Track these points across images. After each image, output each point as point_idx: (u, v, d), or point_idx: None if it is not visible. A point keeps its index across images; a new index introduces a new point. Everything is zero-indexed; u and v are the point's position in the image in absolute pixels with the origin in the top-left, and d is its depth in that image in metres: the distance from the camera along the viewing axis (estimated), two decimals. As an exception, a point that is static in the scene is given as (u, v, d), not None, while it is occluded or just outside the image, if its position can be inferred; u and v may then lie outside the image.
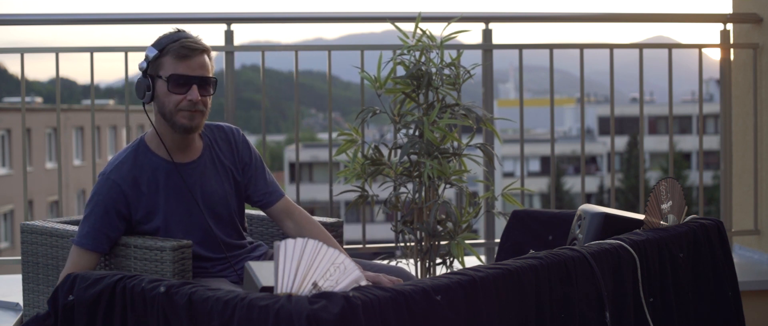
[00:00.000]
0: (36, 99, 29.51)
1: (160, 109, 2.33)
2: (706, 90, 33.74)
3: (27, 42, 77.72)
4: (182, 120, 2.30)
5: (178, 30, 2.34)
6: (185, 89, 2.29)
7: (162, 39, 2.31)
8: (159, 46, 2.30)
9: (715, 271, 2.47)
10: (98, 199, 2.30)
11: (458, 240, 2.86)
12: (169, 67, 2.29)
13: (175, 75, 2.28)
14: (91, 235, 2.27)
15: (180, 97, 2.29)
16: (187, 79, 2.28)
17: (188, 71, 2.29)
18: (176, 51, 2.28)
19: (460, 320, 1.75)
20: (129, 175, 2.33)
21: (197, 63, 2.29)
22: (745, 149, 4.00)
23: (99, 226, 2.28)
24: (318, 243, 1.66)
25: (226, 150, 2.47)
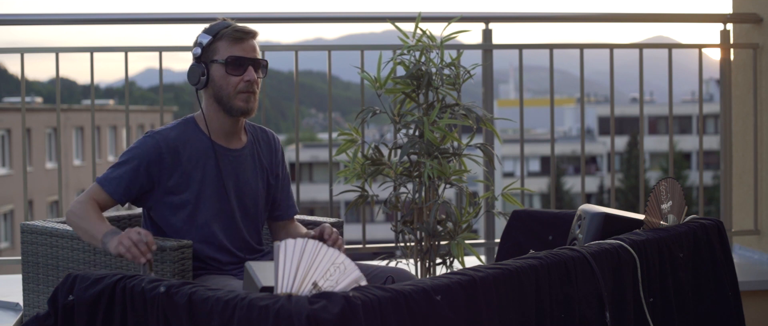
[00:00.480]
0: (36, 99, 29.51)
1: (217, 92, 2.40)
2: (706, 90, 33.74)
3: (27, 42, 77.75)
4: (239, 103, 2.39)
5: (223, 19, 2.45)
6: (242, 70, 2.38)
7: (213, 26, 2.40)
8: (212, 31, 2.39)
9: (715, 271, 2.47)
10: (136, 152, 2.36)
11: (458, 240, 2.86)
12: (224, 51, 2.38)
13: (232, 56, 2.37)
14: (115, 181, 2.34)
15: (238, 78, 2.38)
16: (243, 61, 2.38)
17: (243, 53, 2.39)
18: (231, 34, 2.37)
19: (460, 320, 1.75)
20: (173, 143, 2.39)
21: (250, 46, 2.40)
22: (745, 149, 4.00)
23: (125, 176, 2.34)
24: (318, 244, 1.66)
25: (266, 151, 2.57)
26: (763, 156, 3.88)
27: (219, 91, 2.39)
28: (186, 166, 2.38)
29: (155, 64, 3.62)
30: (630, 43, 4.09)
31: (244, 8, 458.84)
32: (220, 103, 2.40)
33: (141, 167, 2.35)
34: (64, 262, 2.42)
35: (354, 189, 3.06)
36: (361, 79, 3.23)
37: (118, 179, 2.34)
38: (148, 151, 2.36)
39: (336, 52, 3.65)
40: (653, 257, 2.27)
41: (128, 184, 2.35)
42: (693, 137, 38.12)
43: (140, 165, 2.35)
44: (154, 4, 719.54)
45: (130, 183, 2.35)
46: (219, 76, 2.38)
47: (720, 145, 4.00)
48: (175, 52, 3.63)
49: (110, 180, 2.35)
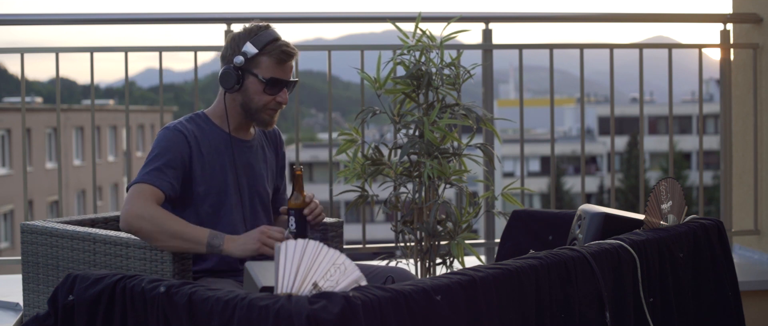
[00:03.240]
0: (36, 99, 29.50)
1: (246, 102, 2.42)
2: (706, 90, 33.74)
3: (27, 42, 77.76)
4: (267, 117, 2.44)
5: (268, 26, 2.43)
6: (278, 90, 2.41)
7: (261, 37, 2.39)
8: (259, 44, 2.38)
9: (715, 271, 2.47)
10: (166, 144, 2.36)
11: (458, 240, 2.86)
12: (266, 69, 2.39)
13: (273, 78, 2.39)
14: (154, 174, 2.30)
15: (271, 97, 2.41)
16: (282, 83, 2.41)
17: (283, 75, 2.42)
18: (277, 56, 2.39)
19: (460, 320, 1.75)
20: (193, 133, 2.40)
21: (290, 67, 2.44)
22: (745, 149, 4.00)
23: (163, 168, 2.32)
24: (319, 244, 1.66)
25: (271, 145, 2.63)
26: (763, 156, 3.88)
27: (249, 102, 2.42)
28: (207, 157, 2.41)
29: (155, 64, 3.62)
30: (630, 43, 4.09)
31: (244, 8, 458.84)
32: (245, 110, 2.44)
33: (176, 158, 2.35)
34: (64, 262, 2.42)
35: (354, 189, 3.06)
36: (361, 79, 3.23)
37: (160, 172, 2.31)
38: (177, 142, 2.36)
39: (336, 52, 3.65)
40: (653, 257, 2.27)
41: (170, 176, 2.33)
42: (693, 137, 38.12)
43: (175, 156, 2.35)
44: (154, 4, 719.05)
45: (171, 175, 2.33)
46: (254, 90, 2.40)
47: (720, 145, 4.00)
48: (175, 52, 3.64)
49: (152, 175, 2.30)
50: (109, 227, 2.71)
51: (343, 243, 2.81)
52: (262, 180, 2.54)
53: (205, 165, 2.41)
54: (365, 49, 3.52)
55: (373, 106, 3.03)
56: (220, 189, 2.43)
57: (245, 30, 2.43)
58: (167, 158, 2.34)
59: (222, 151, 2.44)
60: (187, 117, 2.47)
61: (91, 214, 2.78)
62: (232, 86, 2.40)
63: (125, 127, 3.61)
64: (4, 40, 61.84)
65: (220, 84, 2.42)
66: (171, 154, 2.35)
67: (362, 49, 3.52)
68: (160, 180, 2.30)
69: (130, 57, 3.53)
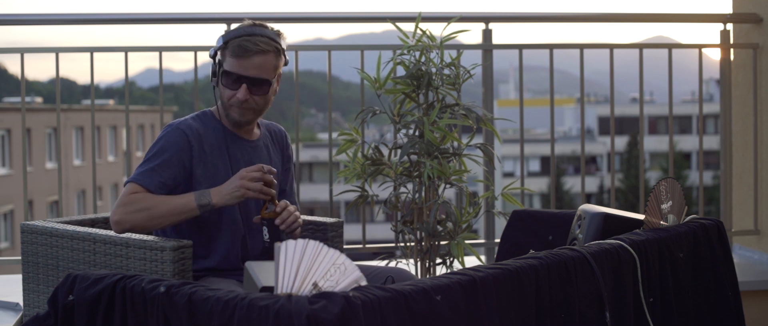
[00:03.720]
0: (36, 99, 29.50)
1: (221, 95, 2.42)
2: (706, 90, 33.74)
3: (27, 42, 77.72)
4: (233, 113, 2.41)
5: (253, 24, 2.39)
6: (236, 86, 2.36)
7: (232, 31, 2.37)
8: (226, 37, 2.37)
9: (715, 271, 2.47)
10: (164, 144, 2.35)
11: (458, 240, 2.86)
12: (226, 62, 2.37)
13: (226, 71, 2.36)
14: (149, 175, 2.31)
15: (231, 92, 2.37)
16: (238, 78, 2.36)
17: (240, 70, 2.35)
18: (233, 49, 2.35)
19: (460, 320, 1.75)
20: (196, 131, 2.39)
21: (252, 63, 2.35)
22: (745, 149, 4.00)
23: (158, 169, 2.32)
24: (319, 244, 1.66)
25: (278, 146, 2.61)
26: (763, 156, 3.88)
27: (220, 96, 2.41)
28: (210, 156, 2.40)
29: (155, 64, 3.62)
30: (630, 43, 4.09)
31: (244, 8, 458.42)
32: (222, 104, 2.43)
33: (174, 157, 2.34)
34: (64, 262, 2.42)
35: (354, 189, 3.06)
36: (361, 79, 3.23)
37: (152, 172, 2.32)
38: (177, 141, 2.35)
39: (336, 52, 3.65)
40: (653, 257, 2.27)
41: (164, 177, 2.33)
42: (693, 137, 38.12)
43: (173, 156, 2.34)
44: (154, 4, 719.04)
45: (165, 174, 2.33)
46: (221, 84, 2.40)
47: (720, 145, 4.00)
48: (175, 52, 3.64)
49: (144, 175, 2.31)
50: (109, 227, 2.71)
51: (343, 243, 2.80)
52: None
53: (208, 164, 2.40)
54: (365, 49, 3.52)
55: (373, 106, 3.03)
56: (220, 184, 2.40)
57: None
58: (163, 158, 2.33)
59: (223, 148, 2.43)
60: (194, 115, 2.47)
61: (91, 214, 2.78)
62: (211, 78, 2.41)
63: (125, 127, 3.61)
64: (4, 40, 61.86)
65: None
66: (168, 154, 2.34)
67: (362, 49, 3.52)
68: (151, 180, 2.31)
69: (130, 57, 3.53)
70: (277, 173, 2.56)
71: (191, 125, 2.40)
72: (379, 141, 3.09)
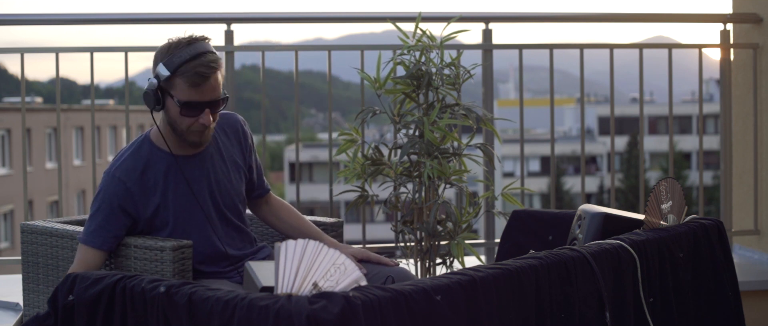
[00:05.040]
0: (36, 99, 29.50)
1: (171, 124, 2.32)
2: (706, 90, 33.74)
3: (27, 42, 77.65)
4: (194, 138, 2.32)
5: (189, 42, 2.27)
6: (197, 113, 2.27)
7: (174, 57, 2.24)
8: (171, 66, 2.23)
9: (715, 271, 2.47)
10: (104, 197, 2.31)
11: (458, 240, 2.86)
12: (181, 92, 2.25)
13: (188, 102, 2.25)
14: (98, 233, 2.28)
15: (192, 120, 2.28)
16: (199, 105, 2.27)
17: (200, 97, 2.25)
18: (190, 78, 2.23)
19: (460, 320, 1.75)
20: (133, 172, 2.33)
21: (209, 87, 2.26)
22: (745, 149, 4.00)
23: (105, 225, 2.29)
24: (319, 244, 1.66)
25: (232, 138, 2.50)
26: (763, 156, 3.88)
27: (173, 123, 2.31)
28: (154, 189, 2.34)
29: (155, 64, 3.62)
30: (630, 43, 4.09)
31: (244, 8, 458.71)
32: (174, 130, 2.33)
33: (115, 209, 2.30)
34: (64, 262, 2.42)
35: (354, 189, 3.06)
36: (361, 79, 3.23)
37: (99, 230, 2.29)
38: (115, 192, 2.30)
39: (336, 52, 3.65)
40: (653, 257, 2.27)
41: (111, 230, 2.29)
42: (693, 137, 38.11)
43: (114, 208, 2.30)
44: (154, 4, 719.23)
45: (113, 228, 2.29)
46: (173, 113, 2.29)
47: (720, 145, 4.00)
48: (175, 52, 3.63)
49: (92, 234, 2.29)
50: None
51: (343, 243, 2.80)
52: (223, 187, 2.43)
53: (156, 197, 2.34)
54: (365, 49, 3.52)
55: (373, 106, 3.03)
56: (179, 212, 2.36)
57: (164, 47, 2.28)
58: (106, 212, 2.29)
59: (170, 175, 2.36)
60: (133, 146, 2.38)
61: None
62: (154, 107, 2.30)
63: (125, 127, 3.61)
64: (4, 40, 61.84)
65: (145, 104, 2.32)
66: (109, 207, 2.29)
67: (362, 49, 3.52)
68: (102, 240, 2.28)
69: (130, 57, 3.53)
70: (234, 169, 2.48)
71: (127, 168, 2.33)
72: (379, 141, 3.09)
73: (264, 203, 2.65)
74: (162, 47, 2.28)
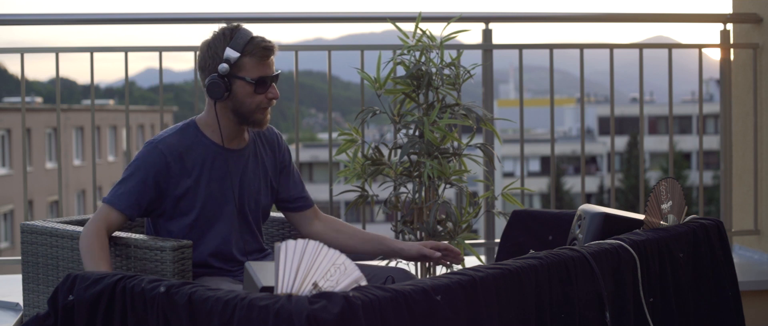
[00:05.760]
0: (36, 99, 29.50)
1: (238, 106, 2.38)
2: (706, 90, 33.74)
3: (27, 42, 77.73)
4: (259, 116, 2.40)
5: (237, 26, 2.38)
6: (267, 87, 2.38)
7: (237, 39, 2.34)
8: (238, 46, 2.33)
9: (715, 271, 2.47)
10: (140, 164, 2.34)
11: (458, 240, 2.86)
12: (252, 69, 2.35)
13: (261, 78, 2.35)
14: (126, 197, 2.32)
15: (262, 96, 2.37)
16: (270, 79, 2.38)
17: (269, 71, 2.38)
18: (260, 53, 2.34)
19: (460, 320, 1.75)
20: (176, 149, 2.37)
21: (272, 61, 2.40)
22: (745, 149, 4.00)
23: (134, 190, 2.32)
24: (319, 244, 1.66)
25: (268, 149, 2.56)
26: (763, 156, 3.88)
27: (240, 106, 2.37)
28: (192, 172, 2.37)
29: (155, 64, 3.63)
30: (630, 43, 4.09)
31: (243, 8, 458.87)
32: (238, 114, 2.39)
33: (148, 179, 2.33)
34: (64, 262, 2.42)
35: (354, 189, 3.06)
36: (361, 79, 3.23)
37: (128, 194, 2.32)
38: (154, 162, 2.33)
39: (336, 52, 3.65)
40: (653, 257, 2.27)
41: (138, 198, 2.32)
42: (693, 137, 38.11)
43: (148, 177, 2.33)
44: (154, 4, 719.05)
45: (139, 196, 2.33)
46: (244, 94, 2.36)
47: (720, 145, 4.00)
48: (175, 52, 3.64)
49: (119, 196, 2.32)
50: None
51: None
52: (252, 190, 2.47)
53: (190, 180, 2.37)
54: (365, 49, 3.52)
55: (373, 106, 3.03)
56: (207, 202, 2.39)
57: (218, 35, 2.36)
58: (139, 178, 2.33)
59: (212, 163, 2.40)
60: (177, 127, 2.42)
61: (91, 214, 2.77)
62: (222, 95, 2.35)
63: (125, 127, 3.61)
64: (4, 40, 61.82)
65: (208, 95, 2.36)
66: (143, 174, 2.33)
67: (362, 49, 3.52)
68: (123, 202, 2.32)
69: (130, 57, 3.53)
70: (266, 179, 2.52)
71: (171, 143, 2.36)
72: (379, 141, 3.09)
73: (315, 219, 2.63)
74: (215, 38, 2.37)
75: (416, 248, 2.46)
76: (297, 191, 2.61)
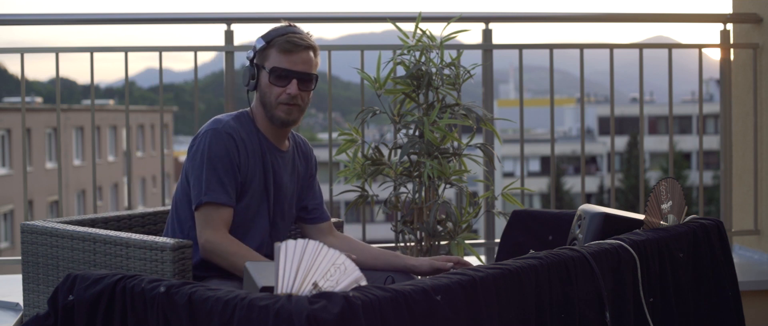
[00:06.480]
0: (36, 99, 29.51)
1: (262, 98, 2.39)
2: (706, 90, 33.74)
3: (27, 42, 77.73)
4: (280, 113, 2.37)
5: (289, 24, 2.40)
6: (286, 82, 2.36)
7: (271, 31, 2.37)
8: (267, 37, 2.36)
9: (715, 271, 2.47)
10: (215, 151, 2.32)
11: (458, 240, 2.86)
12: (273, 60, 2.36)
13: (277, 68, 2.35)
14: (222, 189, 2.30)
15: (280, 90, 2.36)
16: (288, 73, 2.35)
17: (290, 65, 2.35)
18: (281, 45, 2.34)
19: (460, 320, 1.75)
20: (239, 135, 2.37)
21: (300, 58, 2.36)
22: (745, 149, 4.00)
23: (225, 179, 2.31)
24: (319, 244, 1.66)
25: (302, 159, 2.57)
26: (763, 156, 3.88)
27: (263, 97, 2.38)
28: (246, 162, 2.38)
29: (155, 64, 3.63)
30: (630, 43, 4.09)
31: (243, 8, 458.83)
32: (264, 107, 2.40)
33: (233, 163, 2.33)
34: (64, 262, 2.42)
35: (354, 189, 3.06)
36: (361, 79, 3.23)
37: (223, 185, 2.30)
38: (227, 146, 2.33)
39: (336, 52, 3.65)
40: (653, 257, 2.27)
41: (234, 185, 2.32)
42: (693, 137, 38.12)
43: (232, 160, 2.32)
44: (154, 4, 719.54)
45: (234, 183, 2.32)
46: (264, 84, 2.37)
47: (720, 145, 4.00)
48: (175, 52, 3.64)
49: (215, 191, 2.30)
50: (109, 227, 2.71)
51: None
52: (288, 193, 2.49)
53: (246, 170, 2.37)
54: (365, 49, 3.52)
55: (373, 106, 3.03)
56: (253, 194, 2.39)
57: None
58: (225, 163, 2.31)
59: (259, 156, 2.41)
60: (234, 115, 2.41)
61: (91, 214, 2.78)
62: (248, 82, 2.39)
63: (125, 127, 3.61)
64: (4, 40, 61.83)
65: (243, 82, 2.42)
66: (228, 159, 2.32)
67: (362, 49, 3.52)
68: (227, 194, 2.30)
69: (130, 57, 3.53)
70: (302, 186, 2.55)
71: (235, 127, 2.36)
72: (379, 141, 3.09)
73: (329, 234, 2.63)
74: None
75: (428, 262, 2.44)
76: (314, 202, 2.61)
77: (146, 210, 2.85)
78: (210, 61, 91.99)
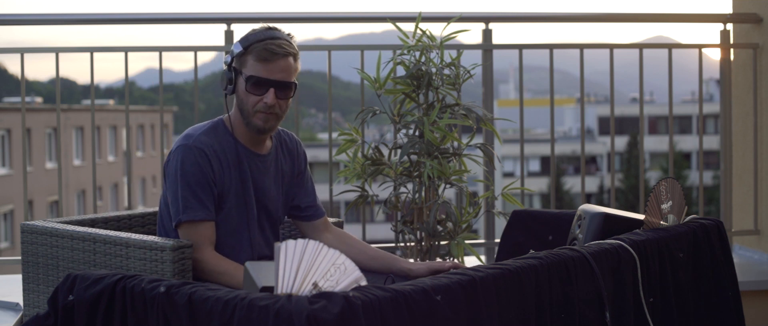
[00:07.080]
0: (36, 99, 29.51)
1: (239, 104, 2.36)
2: (706, 90, 33.74)
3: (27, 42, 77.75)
4: (257, 121, 2.34)
5: (269, 27, 2.34)
6: (262, 91, 2.31)
7: (250, 35, 2.32)
8: (245, 42, 2.31)
9: (715, 271, 2.47)
10: (188, 169, 2.30)
11: (458, 240, 2.86)
12: (250, 68, 2.30)
13: (254, 77, 2.30)
14: (200, 204, 2.29)
15: (257, 98, 2.31)
16: (265, 82, 2.30)
17: (267, 74, 2.30)
18: (259, 53, 2.29)
19: (460, 320, 1.75)
20: (211, 148, 2.34)
21: (278, 67, 2.30)
22: (745, 149, 4.00)
23: (200, 194, 2.29)
24: (319, 244, 1.66)
25: (288, 157, 2.53)
26: (763, 156, 3.88)
27: (241, 104, 2.35)
28: (225, 171, 2.35)
29: (155, 64, 3.63)
30: (630, 43, 4.09)
31: (243, 8, 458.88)
32: (242, 114, 2.36)
33: (206, 177, 2.30)
34: (64, 262, 2.42)
35: (354, 189, 3.06)
36: (361, 79, 3.23)
37: (201, 200, 2.29)
38: (199, 163, 2.30)
39: (336, 52, 3.65)
40: (653, 257, 2.27)
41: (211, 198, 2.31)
42: (693, 137, 38.12)
43: (205, 176, 2.30)
44: (154, 4, 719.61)
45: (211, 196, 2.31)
46: (242, 91, 2.33)
47: (720, 145, 4.00)
48: (175, 52, 3.64)
49: (195, 208, 2.29)
50: (109, 227, 2.71)
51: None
52: (271, 197, 2.46)
53: (223, 181, 2.35)
54: (365, 49, 3.52)
55: (373, 106, 3.03)
56: (232, 204, 2.37)
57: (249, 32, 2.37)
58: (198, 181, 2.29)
59: (236, 164, 2.38)
60: (205, 126, 2.38)
61: (91, 214, 2.78)
62: (226, 87, 2.35)
63: (125, 127, 3.61)
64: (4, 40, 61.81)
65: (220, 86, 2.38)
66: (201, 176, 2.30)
67: (362, 49, 3.52)
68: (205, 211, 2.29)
69: (130, 57, 3.53)
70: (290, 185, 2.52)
71: (205, 143, 2.33)
72: (379, 141, 3.09)
73: (325, 230, 2.60)
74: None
75: (426, 265, 2.43)
76: (309, 200, 2.58)
77: (146, 210, 2.85)
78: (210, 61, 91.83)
